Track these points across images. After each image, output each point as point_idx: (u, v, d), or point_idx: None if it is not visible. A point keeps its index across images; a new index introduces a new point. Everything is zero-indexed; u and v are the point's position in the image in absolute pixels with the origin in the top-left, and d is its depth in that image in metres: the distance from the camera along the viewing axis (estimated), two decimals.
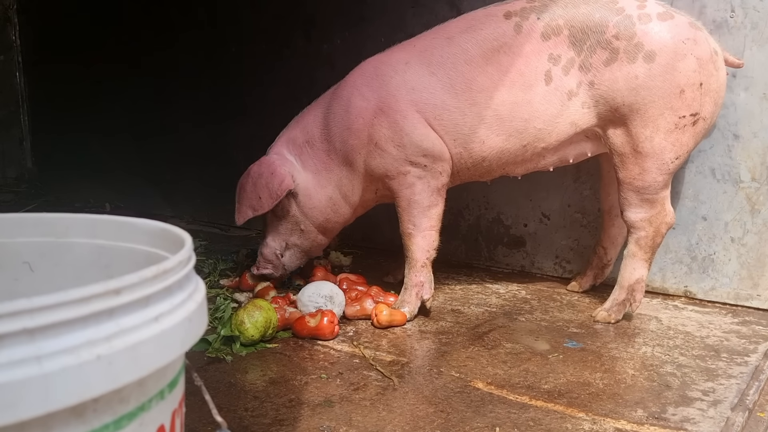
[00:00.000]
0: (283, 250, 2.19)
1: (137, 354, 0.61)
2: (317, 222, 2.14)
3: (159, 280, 0.66)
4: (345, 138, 2.02)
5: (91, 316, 0.58)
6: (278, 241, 2.18)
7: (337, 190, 2.10)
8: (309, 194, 2.10)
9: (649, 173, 1.89)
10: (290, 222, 2.14)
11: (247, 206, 2.10)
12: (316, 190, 2.10)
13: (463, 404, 1.48)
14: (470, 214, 2.65)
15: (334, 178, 2.08)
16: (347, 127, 2.01)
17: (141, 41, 3.65)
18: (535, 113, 1.91)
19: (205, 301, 0.76)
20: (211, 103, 3.39)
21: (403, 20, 2.64)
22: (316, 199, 2.10)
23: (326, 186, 2.09)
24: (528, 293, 2.30)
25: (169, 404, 0.71)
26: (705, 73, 1.83)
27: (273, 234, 2.18)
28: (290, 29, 3.03)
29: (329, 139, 2.06)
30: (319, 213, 2.12)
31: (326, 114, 2.07)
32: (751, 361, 1.72)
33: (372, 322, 1.97)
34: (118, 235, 0.90)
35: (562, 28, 1.88)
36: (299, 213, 2.12)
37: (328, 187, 2.09)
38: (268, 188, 2.05)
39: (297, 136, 2.12)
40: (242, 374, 1.65)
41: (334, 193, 2.10)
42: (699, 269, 2.22)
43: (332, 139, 2.05)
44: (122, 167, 3.74)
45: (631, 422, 1.40)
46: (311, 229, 2.15)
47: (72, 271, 0.92)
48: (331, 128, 2.05)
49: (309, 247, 2.21)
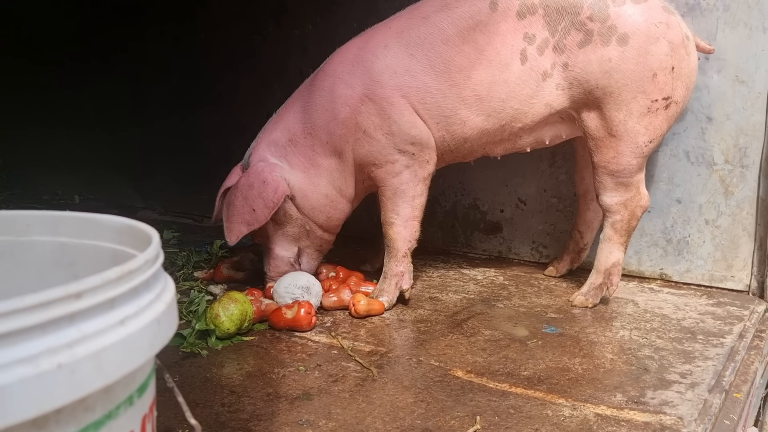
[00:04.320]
0: (296, 255, 2.09)
1: (102, 360, 0.58)
2: (320, 221, 2.04)
3: (124, 282, 0.63)
4: (332, 129, 1.95)
5: (50, 322, 0.55)
6: (289, 248, 2.07)
7: (330, 185, 2.01)
8: (305, 194, 2.00)
9: (624, 156, 1.89)
10: (296, 226, 2.04)
11: (239, 222, 1.95)
12: (310, 189, 2.00)
13: (444, 393, 1.47)
14: (446, 200, 2.64)
15: (324, 174, 1.99)
16: (333, 117, 1.94)
17: (108, 29, 3.55)
18: (512, 93, 1.88)
19: (175, 300, 0.73)
20: (181, 92, 3.32)
21: (375, 3, 2.60)
22: (314, 198, 2.01)
23: (319, 183, 2.00)
24: (505, 279, 2.30)
25: (139, 410, 0.68)
26: (677, 57, 1.83)
27: (280, 242, 2.06)
28: (261, 15, 2.97)
29: (313, 133, 1.97)
30: (318, 212, 2.03)
31: (307, 107, 1.99)
32: (727, 342, 1.74)
33: (350, 312, 1.95)
34: (82, 233, 0.86)
35: (537, 6, 1.85)
36: (301, 215, 2.02)
37: (321, 184, 2.00)
38: (262, 198, 1.92)
39: (278, 138, 2.01)
40: (218, 368, 1.62)
41: (328, 190, 2.01)
42: (674, 252, 2.23)
43: (317, 133, 1.97)
44: (91, 158, 3.66)
45: (610, 407, 1.40)
46: (316, 228, 2.06)
47: (34, 270, 0.88)
48: (315, 121, 1.97)
49: (320, 245, 2.11)
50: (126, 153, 3.56)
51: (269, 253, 2.09)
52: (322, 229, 2.08)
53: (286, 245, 2.07)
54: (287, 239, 2.06)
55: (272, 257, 2.08)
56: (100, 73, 3.60)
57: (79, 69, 3.70)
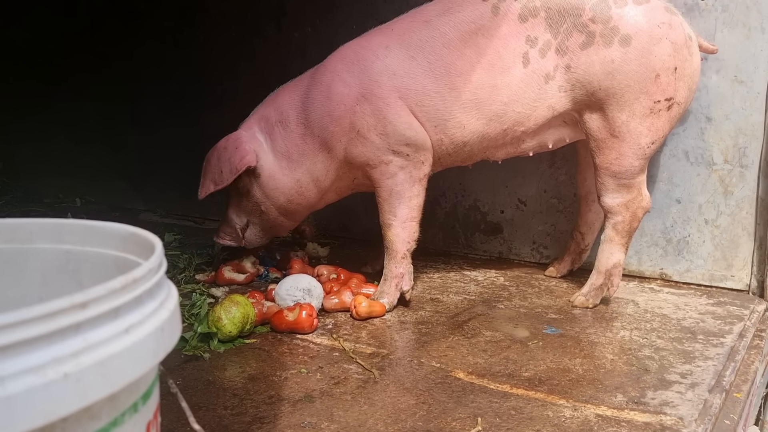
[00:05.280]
0: (244, 225, 2.19)
1: (107, 369, 0.58)
2: (278, 203, 2.12)
3: (128, 290, 0.63)
4: (325, 124, 1.98)
5: (56, 332, 0.55)
6: (240, 217, 2.19)
7: (307, 174, 2.06)
8: (273, 175, 2.07)
9: (626, 158, 1.89)
10: (251, 201, 2.13)
11: (209, 180, 2.09)
12: (282, 173, 2.06)
13: (445, 395, 1.48)
14: (447, 201, 2.65)
15: (306, 162, 2.04)
16: (328, 113, 1.97)
17: (106, 32, 3.56)
18: (514, 96, 1.89)
19: (178, 308, 0.73)
20: (181, 94, 3.32)
21: (375, 6, 2.61)
22: (281, 181, 2.07)
23: (296, 169, 2.06)
24: (506, 280, 2.30)
25: (143, 417, 0.68)
26: (680, 57, 1.83)
27: (235, 209, 2.19)
28: (260, 18, 2.97)
29: (307, 124, 2.01)
30: (281, 194, 2.09)
31: (304, 98, 2.03)
32: (727, 342, 1.74)
33: (351, 314, 1.95)
34: (86, 240, 0.87)
35: (539, 9, 1.86)
36: (260, 194, 2.10)
37: (298, 171, 2.06)
38: (230, 162, 2.03)
39: (270, 115, 2.08)
40: (220, 371, 1.62)
41: (303, 177, 2.06)
42: (674, 252, 2.24)
43: (310, 125, 2.00)
44: (92, 161, 3.66)
45: (611, 408, 1.41)
46: (272, 211, 2.14)
47: (38, 277, 0.88)
48: (310, 113, 2.00)
49: (270, 227, 2.21)
50: (127, 156, 3.57)
51: (224, 214, 2.23)
52: (278, 211, 2.15)
53: (238, 213, 2.19)
54: (241, 209, 2.18)
55: (224, 219, 2.22)
56: (100, 76, 3.60)
57: (79, 72, 3.70)
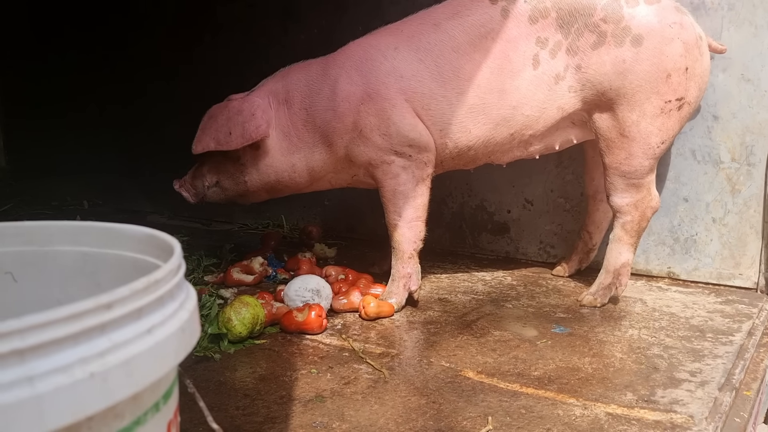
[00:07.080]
0: (213, 184, 2.13)
1: (131, 369, 0.59)
2: (266, 180, 2.07)
3: (150, 291, 0.65)
4: (328, 119, 1.97)
5: (82, 332, 0.56)
6: (213, 176, 2.11)
7: (304, 161, 2.04)
8: (270, 152, 2.03)
9: (636, 158, 1.90)
10: (236, 168, 2.07)
11: (211, 137, 2.00)
12: (281, 152, 2.03)
13: (455, 394, 1.48)
14: (453, 201, 2.65)
15: (305, 149, 2.02)
16: (332, 108, 1.96)
17: (114, 34, 3.57)
18: (523, 99, 1.89)
19: (197, 308, 0.74)
20: (188, 96, 3.33)
21: (380, 8, 2.62)
22: (277, 159, 2.03)
23: (293, 153, 2.03)
24: (514, 279, 2.31)
25: (165, 416, 0.70)
26: (691, 57, 1.83)
27: (213, 167, 2.11)
28: (267, 20, 2.98)
29: (310, 112, 1.99)
30: (273, 172, 2.05)
31: (311, 87, 2.01)
32: (736, 340, 1.75)
33: (360, 315, 1.96)
34: (104, 242, 0.88)
35: (549, 10, 1.86)
36: (251, 165, 2.05)
37: (295, 156, 2.03)
38: (243, 128, 1.96)
39: (279, 91, 2.04)
40: (231, 372, 1.63)
41: (299, 163, 2.04)
42: (682, 250, 2.24)
43: (313, 114, 1.99)
44: (99, 164, 3.68)
45: (621, 406, 1.41)
46: (255, 183, 2.08)
47: (57, 280, 0.90)
48: (315, 104, 1.99)
49: (240, 195, 2.15)
50: (133, 158, 3.58)
51: (199, 165, 2.15)
52: (262, 186, 2.09)
53: (214, 171, 2.11)
54: (219, 170, 2.10)
55: (195, 172, 2.15)
56: (107, 78, 3.62)
57: (86, 74, 3.72)
